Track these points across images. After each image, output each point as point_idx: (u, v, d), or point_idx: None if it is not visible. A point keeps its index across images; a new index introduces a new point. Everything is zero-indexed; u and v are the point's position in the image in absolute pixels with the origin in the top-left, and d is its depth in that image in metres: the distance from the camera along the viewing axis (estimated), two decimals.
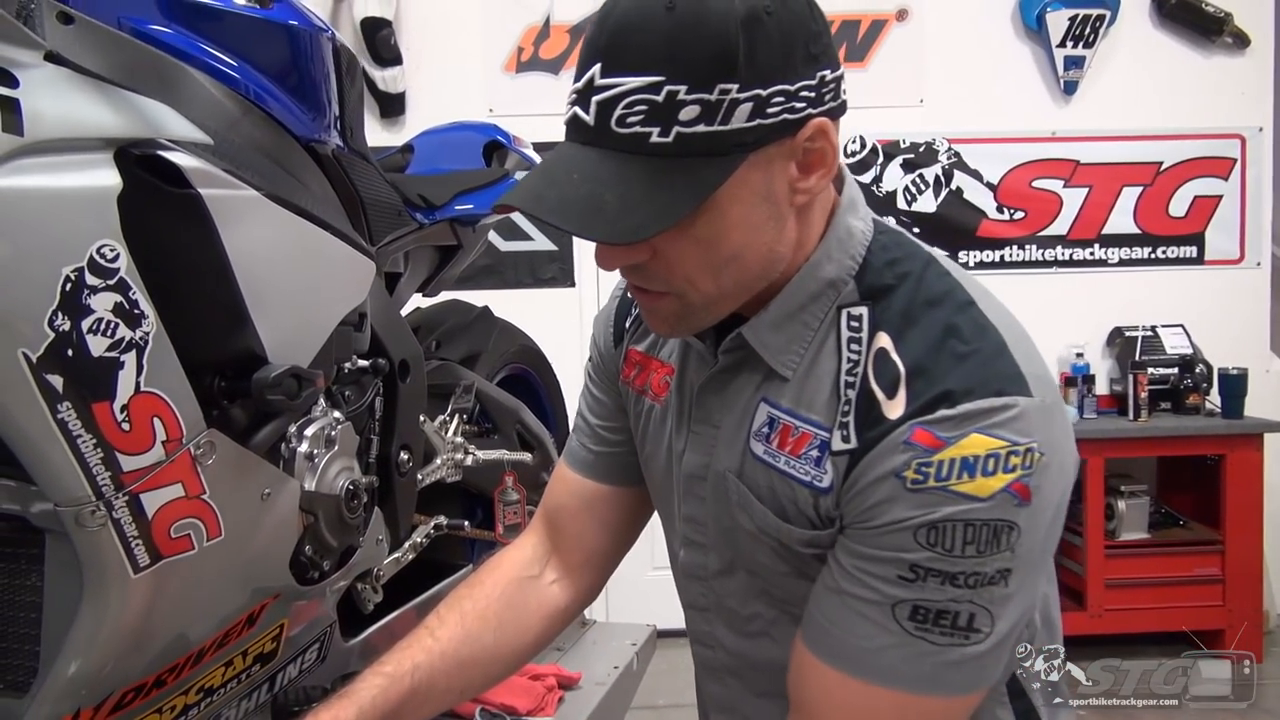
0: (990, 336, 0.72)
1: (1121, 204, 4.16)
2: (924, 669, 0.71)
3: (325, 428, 1.12)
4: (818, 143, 0.70)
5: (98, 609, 0.88)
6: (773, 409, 0.78)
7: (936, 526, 0.68)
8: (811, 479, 0.75)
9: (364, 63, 3.86)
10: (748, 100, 0.66)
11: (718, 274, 0.73)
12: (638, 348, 0.94)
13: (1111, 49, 4.10)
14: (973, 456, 0.67)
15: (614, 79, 0.66)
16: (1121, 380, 3.97)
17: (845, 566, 0.73)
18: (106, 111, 0.83)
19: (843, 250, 0.77)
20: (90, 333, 0.79)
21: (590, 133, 0.68)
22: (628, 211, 0.66)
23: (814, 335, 0.77)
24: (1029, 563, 0.70)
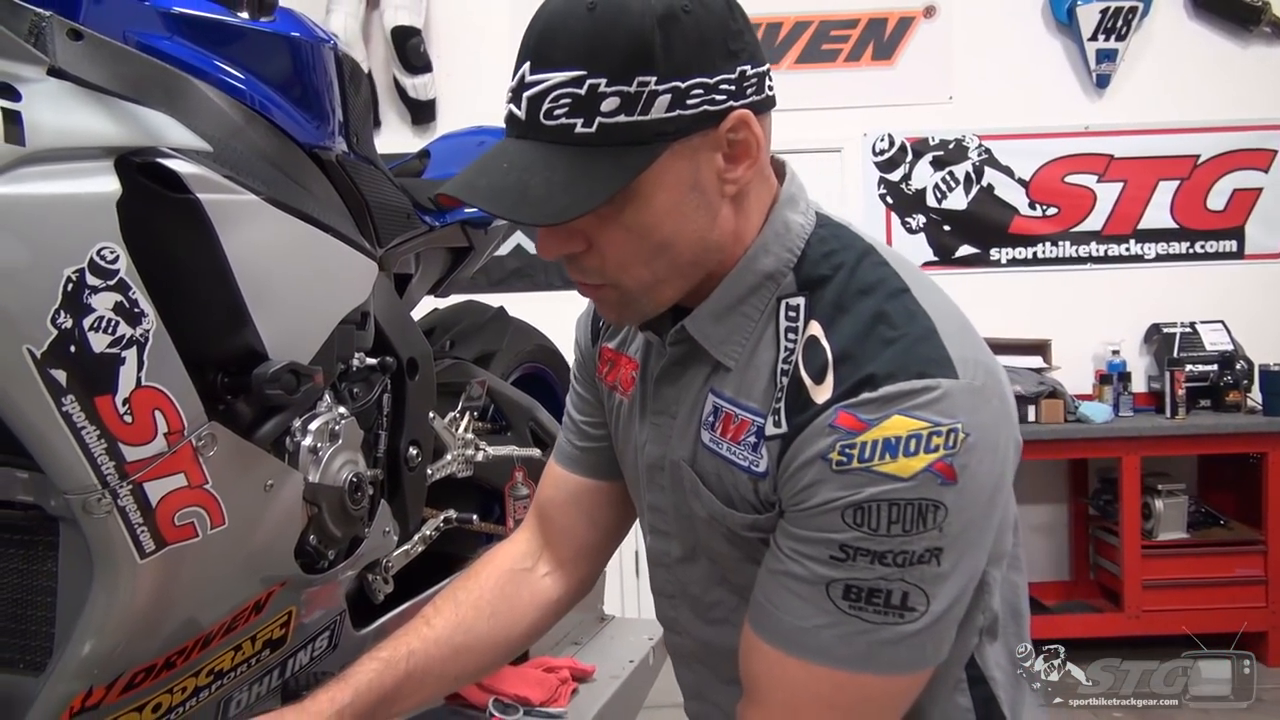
0: (919, 322, 0.74)
1: (1158, 198, 4.10)
2: (859, 648, 0.72)
3: (329, 422, 1.17)
4: (741, 134, 0.74)
5: (108, 593, 0.93)
6: (717, 398, 0.81)
7: (862, 507, 0.70)
8: (749, 464, 0.78)
9: (395, 71, 3.95)
10: (666, 92, 0.69)
11: (650, 262, 0.76)
12: (609, 345, 0.98)
13: (1145, 41, 4.04)
14: (894, 437, 0.69)
15: (541, 75, 0.70)
16: (1159, 378, 3.91)
17: (782, 548, 0.75)
18: (107, 122, 0.88)
19: (779, 243, 0.80)
20: (92, 330, 0.84)
21: (522, 126, 0.72)
22: (553, 196, 0.70)
23: (754, 326, 0.80)
24: (963, 542, 0.72)
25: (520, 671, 1.71)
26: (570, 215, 0.70)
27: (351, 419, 1.21)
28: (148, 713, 1.04)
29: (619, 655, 1.90)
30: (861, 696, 0.74)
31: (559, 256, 0.78)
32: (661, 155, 0.71)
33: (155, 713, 1.05)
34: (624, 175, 0.70)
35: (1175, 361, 3.83)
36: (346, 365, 1.25)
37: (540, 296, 4.03)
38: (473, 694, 1.63)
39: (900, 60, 4.10)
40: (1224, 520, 3.83)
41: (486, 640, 1.01)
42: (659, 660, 1.98)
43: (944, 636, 0.76)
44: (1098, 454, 3.77)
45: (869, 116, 4.07)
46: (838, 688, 0.74)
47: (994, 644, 0.86)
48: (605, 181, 0.70)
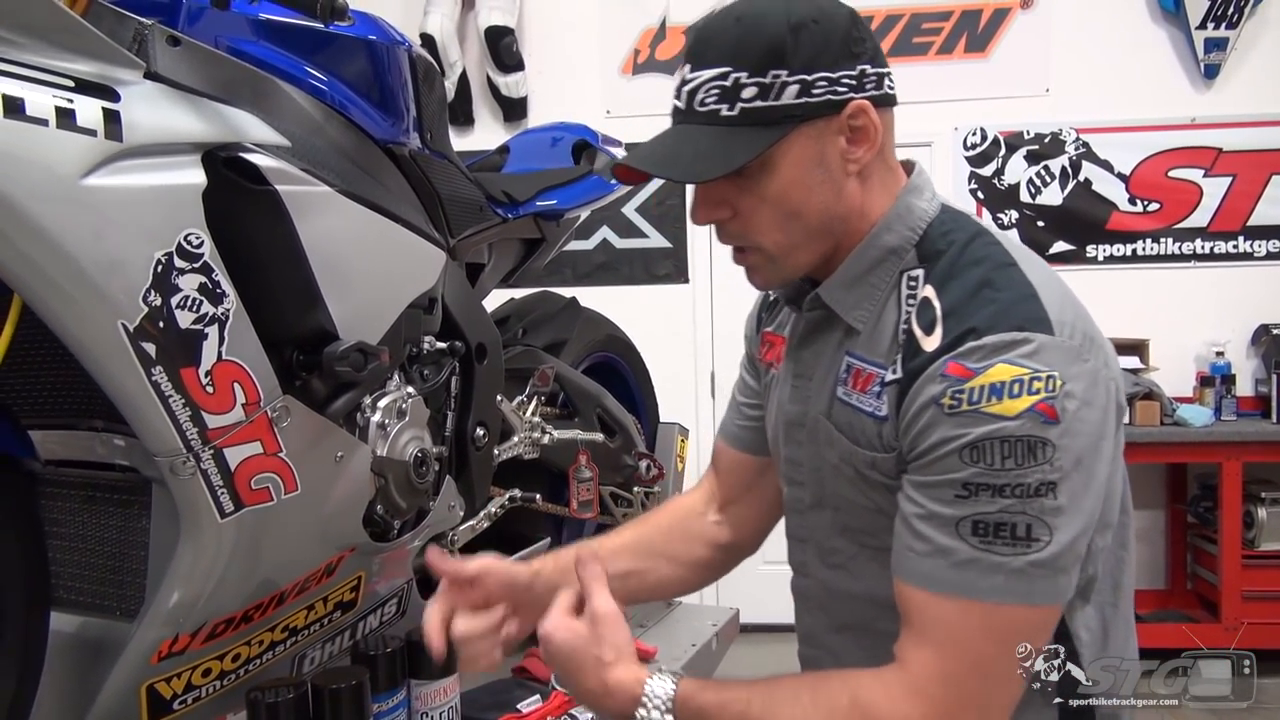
0: (1020, 288, 0.85)
1: (1270, 193, 3.91)
2: (997, 581, 0.80)
3: (398, 400, 1.25)
4: (860, 120, 0.88)
5: (193, 548, 1.03)
6: (850, 358, 0.94)
7: (976, 445, 0.80)
8: (873, 410, 0.90)
9: (488, 69, 4.06)
10: (795, 83, 0.85)
11: (784, 227, 0.90)
12: (769, 329, 1.12)
13: (1259, 29, 3.85)
14: (999, 382, 0.79)
15: (696, 73, 0.87)
16: (1266, 380, 3.73)
17: (914, 500, 0.85)
18: (196, 120, 0.97)
19: (902, 223, 0.93)
20: (178, 308, 0.93)
21: (681, 114, 0.89)
22: (698, 162, 0.87)
23: (880, 295, 0.93)
24: (1075, 481, 0.80)
25: None
26: (709, 176, 0.87)
27: (419, 398, 1.28)
28: (228, 661, 1.14)
29: (682, 639, 1.94)
30: (1009, 626, 0.82)
31: (709, 222, 0.94)
32: (790, 134, 0.86)
33: (235, 662, 1.15)
34: (756, 148, 0.86)
35: None
36: (416, 348, 1.33)
37: (624, 290, 4.10)
38: (536, 667, 1.69)
39: (995, 52, 4.01)
40: None
41: (664, 556, 1.16)
42: (722, 646, 2.02)
43: (1071, 571, 0.83)
44: (1196, 458, 3.63)
45: (961, 110, 3.99)
46: (986, 619, 0.81)
47: (1085, 607, 0.91)
48: (741, 152, 0.86)
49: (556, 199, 1.76)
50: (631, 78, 4.17)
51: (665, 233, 4.20)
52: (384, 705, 1.24)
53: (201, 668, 1.11)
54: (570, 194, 1.79)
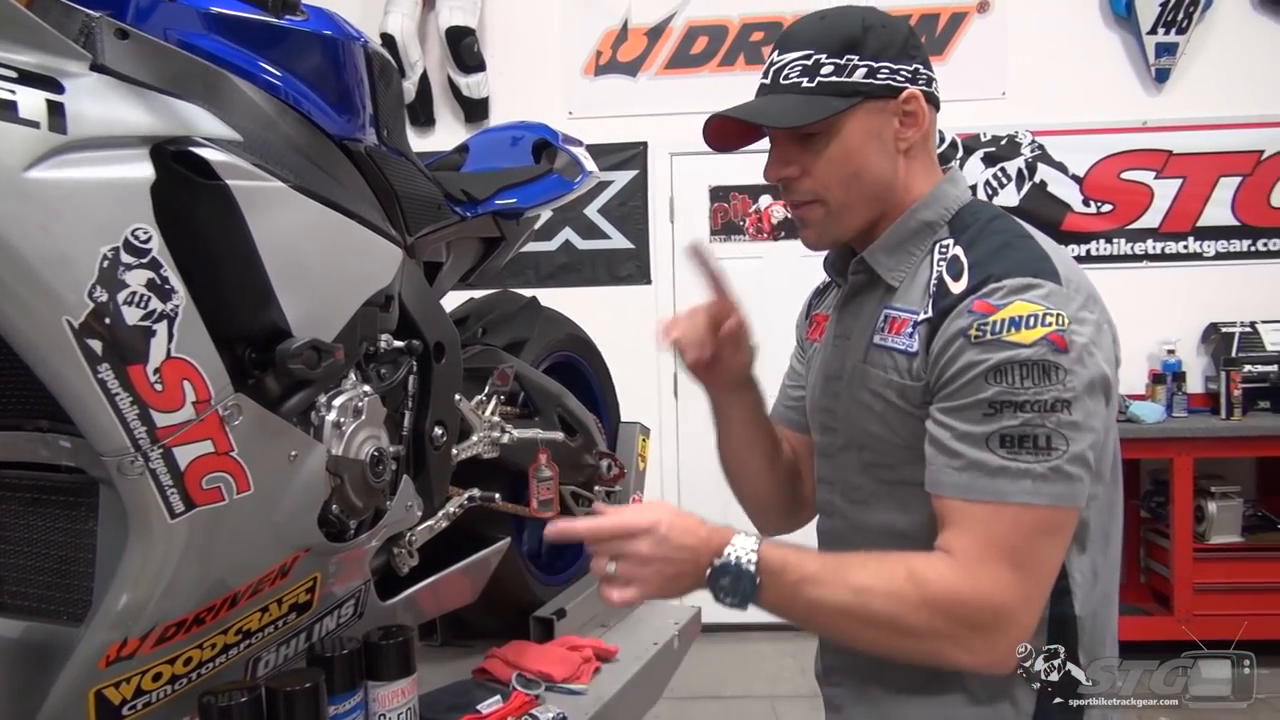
0: (1035, 251, 1.02)
1: (1218, 195, 4.01)
2: (1025, 485, 0.95)
3: (353, 399, 1.23)
4: (912, 106, 1.07)
5: (142, 549, 1.00)
6: (889, 310, 1.10)
7: (999, 368, 0.95)
8: (905, 347, 1.05)
9: (449, 70, 4.05)
10: (864, 66, 1.05)
11: (846, 185, 1.08)
12: (818, 311, 1.31)
13: (1207, 34, 3.96)
14: (1018, 316, 0.95)
15: (784, 56, 1.09)
16: (1216, 378, 3.82)
17: (945, 424, 0.99)
18: (144, 113, 0.96)
19: (938, 203, 1.11)
20: (125, 304, 0.91)
21: (766, 88, 1.10)
22: (784, 115, 1.07)
23: (916, 260, 1.10)
24: (1084, 403, 0.96)
25: (544, 649, 1.77)
26: (795, 124, 1.06)
27: (375, 397, 1.27)
28: (179, 665, 1.11)
29: (644, 638, 1.94)
30: (1033, 524, 0.95)
31: (780, 178, 1.11)
32: (857, 107, 1.06)
33: (186, 666, 1.13)
34: (830, 110, 1.05)
35: (1232, 361, 3.74)
36: (373, 346, 1.31)
37: (586, 292, 4.10)
38: (497, 668, 1.69)
39: (952, 55, 4.07)
40: None
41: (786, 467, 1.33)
42: (684, 644, 2.03)
43: (1085, 479, 0.97)
44: (1148, 454, 3.71)
45: None
46: (1015, 517, 0.95)
47: (1081, 555, 1.04)
48: (817, 112, 1.05)
49: (516, 198, 1.75)
50: (594, 79, 4.18)
51: (628, 234, 4.21)
52: (340, 707, 1.23)
53: (152, 672, 1.09)
54: (530, 193, 1.79)
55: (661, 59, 4.17)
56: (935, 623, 0.96)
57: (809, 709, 3.64)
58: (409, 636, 1.32)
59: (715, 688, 3.65)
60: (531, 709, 1.54)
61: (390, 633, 1.32)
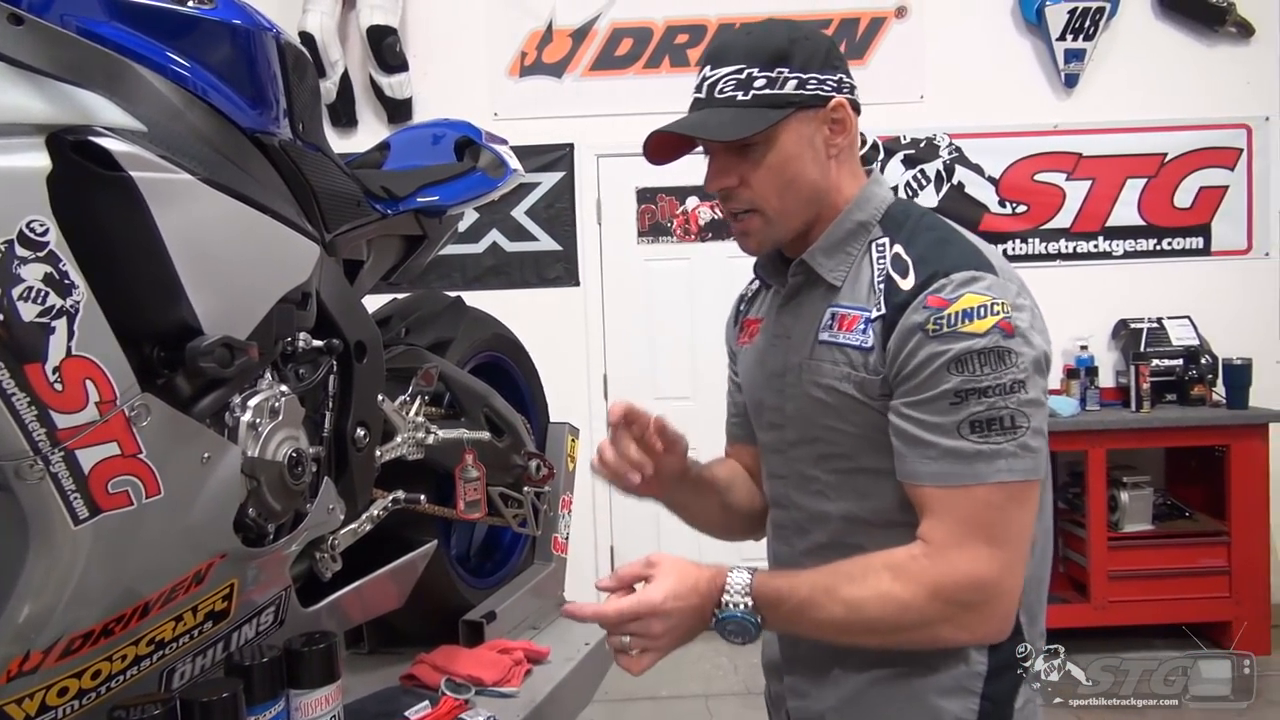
0: (969, 244, 1.11)
1: (1125, 196, 4.16)
2: (1000, 464, 1.03)
3: (270, 399, 1.20)
4: (840, 114, 1.13)
5: (43, 558, 0.96)
6: (834, 308, 1.15)
7: (959, 359, 1.02)
8: (860, 342, 1.11)
9: (371, 69, 3.97)
10: (793, 78, 1.11)
11: (782, 194, 1.14)
12: (749, 315, 1.34)
13: (1112, 41, 4.10)
14: (969, 307, 1.03)
15: (715, 70, 1.13)
16: (1126, 372, 3.96)
17: (912, 418, 1.06)
18: (40, 101, 0.91)
19: (869, 204, 1.17)
20: (21, 299, 0.87)
21: (701, 103, 1.14)
22: (723, 128, 1.11)
23: (854, 259, 1.16)
24: (1034, 380, 1.04)
25: (474, 653, 1.74)
26: (730, 136, 1.10)
27: (293, 396, 1.24)
28: (87, 679, 1.07)
29: (575, 639, 1.93)
30: (1006, 498, 1.03)
31: (720, 189, 1.16)
32: (790, 117, 1.11)
33: (95, 679, 1.08)
34: (766, 121, 1.10)
35: (1141, 356, 3.88)
36: (291, 345, 1.28)
37: (514, 294, 4.07)
38: (425, 674, 1.66)
39: (872, 60, 4.15)
40: (1189, 512, 3.89)
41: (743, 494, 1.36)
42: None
43: (1044, 450, 1.06)
44: (1064, 447, 3.81)
45: None
46: (990, 495, 1.03)
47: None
48: (754, 124, 1.10)
49: (438, 195, 1.73)
50: (519, 80, 4.15)
51: (555, 236, 4.18)
52: (261, 718, 1.19)
53: (57, 687, 1.04)
54: (453, 190, 1.76)
55: (587, 60, 4.16)
56: (928, 612, 1.03)
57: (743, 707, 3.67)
58: (332, 642, 1.29)
59: (650, 689, 3.64)
60: (461, 713, 1.52)
61: (313, 639, 1.28)
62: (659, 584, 1.04)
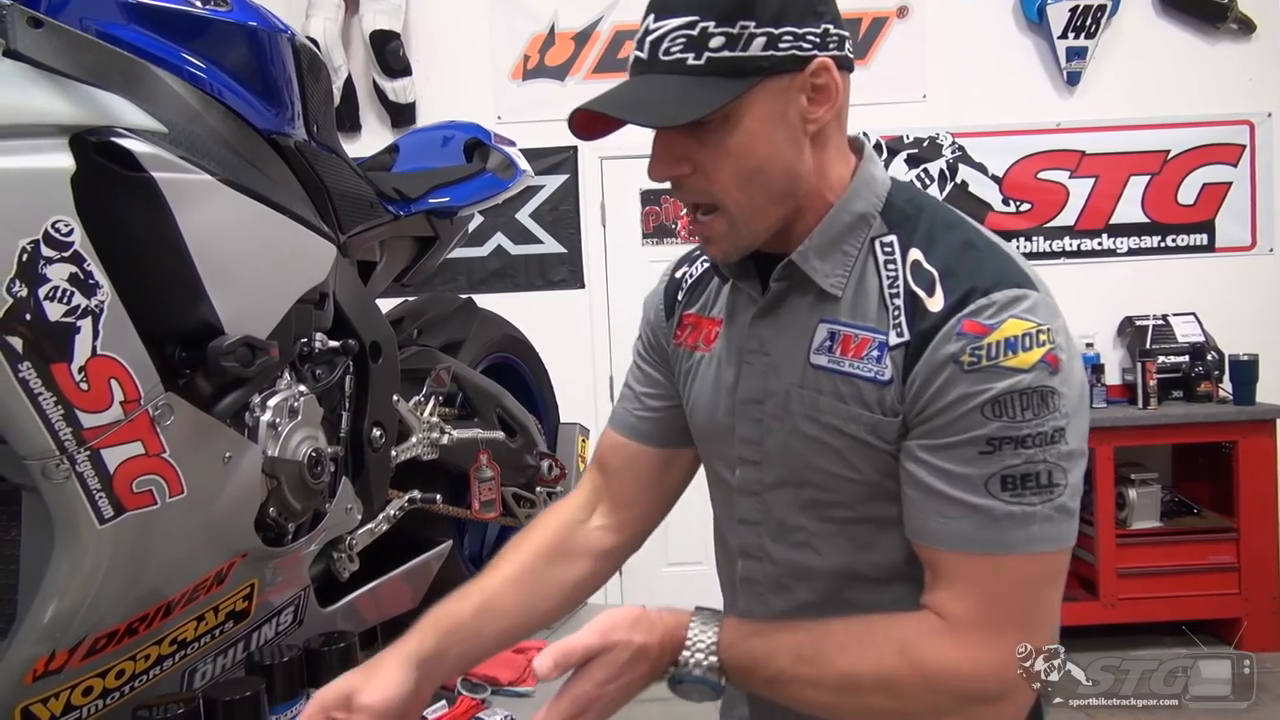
0: (997, 249, 0.89)
1: (1129, 193, 4.16)
2: (1032, 530, 0.83)
3: (289, 399, 1.20)
4: (823, 78, 0.86)
5: (69, 557, 0.96)
6: (832, 325, 0.92)
7: (998, 400, 0.82)
8: (874, 374, 0.88)
9: (374, 74, 3.98)
10: (762, 35, 0.84)
11: (747, 185, 0.88)
12: (690, 311, 1.08)
13: (1114, 39, 4.10)
14: (1014, 336, 0.82)
15: (661, 22, 0.85)
16: (1132, 369, 3.96)
17: (933, 464, 0.85)
18: (63, 102, 0.92)
19: (868, 190, 0.93)
20: (47, 299, 0.87)
21: (643, 65, 0.87)
22: (665, 106, 0.84)
23: (854, 261, 0.92)
24: (1076, 423, 0.84)
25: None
26: (676, 121, 0.84)
27: (311, 397, 1.24)
28: (110, 678, 1.07)
29: None
30: (1039, 573, 0.85)
31: (668, 177, 0.90)
32: (755, 87, 0.84)
33: (119, 679, 1.08)
34: (723, 97, 0.84)
35: (1147, 353, 3.88)
36: (308, 345, 1.28)
37: (520, 297, 4.07)
38: None
39: (874, 59, 4.15)
40: (1197, 509, 3.88)
41: (550, 582, 1.09)
42: None
43: (1077, 512, 0.86)
44: None
45: None
46: (1021, 569, 0.84)
47: None
48: (708, 100, 0.83)
49: (449, 196, 1.73)
50: (522, 83, 4.16)
51: (560, 238, 4.19)
52: (282, 717, 1.19)
53: (82, 686, 1.04)
54: (463, 191, 1.77)
55: (589, 63, 4.17)
56: (938, 702, 0.85)
57: None
58: (351, 642, 1.29)
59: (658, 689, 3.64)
60: (478, 713, 1.52)
61: (332, 639, 1.29)
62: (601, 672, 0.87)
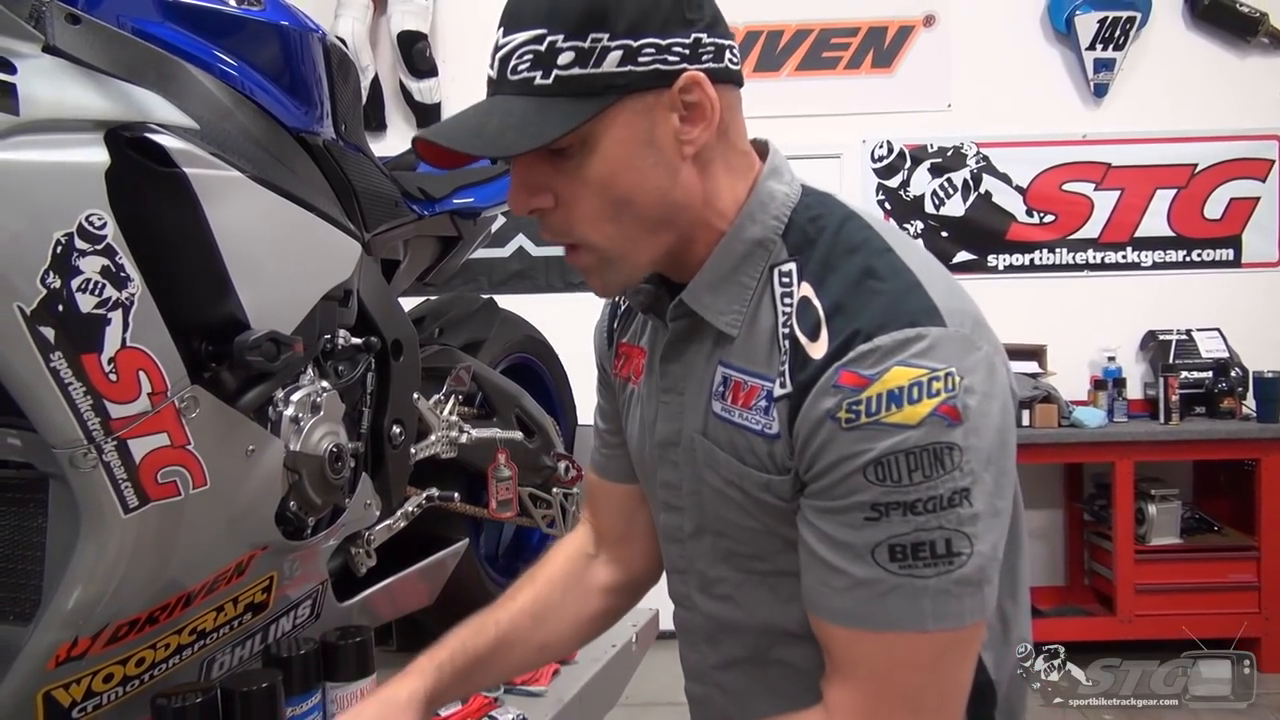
0: (905, 276, 0.77)
1: (1155, 206, 4.13)
2: (923, 606, 0.73)
3: (311, 394, 1.21)
4: (694, 94, 0.77)
5: (93, 545, 0.98)
6: (726, 369, 0.84)
7: (880, 462, 0.72)
8: (762, 427, 0.80)
9: (400, 74, 4.01)
10: (618, 48, 0.75)
11: (615, 218, 0.79)
12: (624, 340, 1.02)
13: (1143, 51, 4.08)
14: (897, 388, 0.71)
15: (509, 36, 0.77)
16: (1154, 384, 3.93)
17: (818, 529, 0.77)
18: (98, 97, 0.94)
19: (765, 211, 0.83)
20: (79, 291, 0.89)
21: (494, 85, 0.79)
22: (504, 134, 0.75)
23: (750, 294, 0.83)
24: (986, 481, 0.74)
25: None
26: (516, 150, 0.76)
27: (334, 393, 1.25)
28: (131, 666, 1.09)
29: (602, 640, 1.91)
30: (937, 652, 0.76)
31: (528, 212, 0.82)
32: (613, 107, 0.76)
33: (139, 667, 1.10)
34: (573, 120, 0.75)
35: (1170, 368, 3.85)
36: (332, 343, 1.30)
37: (541, 298, 4.08)
38: None
39: (899, 68, 4.15)
40: (1218, 526, 3.85)
41: (563, 614, 1.07)
42: (642, 647, 2.02)
43: (995, 579, 0.77)
44: (1091, 459, 3.80)
45: (868, 123, 4.12)
46: (913, 649, 0.75)
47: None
48: (555, 125, 0.74)
49: (473, 197, 1.74)
50: None
51: None
52: (298, 709, 1.20)
53: (103, 673, 1.06)
54: (487, 192, 1.78)
55: None
56: None
57: None
58: (367, 637, 1.30)
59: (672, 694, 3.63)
60: (490, 711, 1.53)
61: (348, 633, 1.29)
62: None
